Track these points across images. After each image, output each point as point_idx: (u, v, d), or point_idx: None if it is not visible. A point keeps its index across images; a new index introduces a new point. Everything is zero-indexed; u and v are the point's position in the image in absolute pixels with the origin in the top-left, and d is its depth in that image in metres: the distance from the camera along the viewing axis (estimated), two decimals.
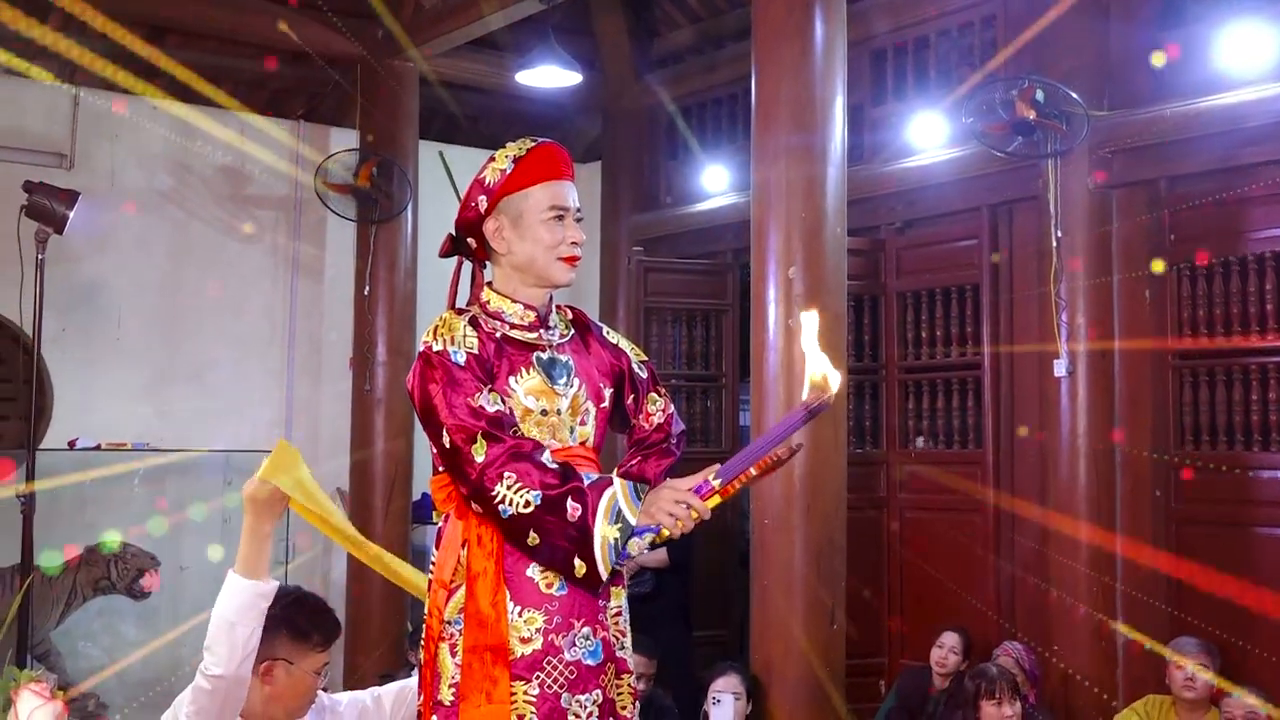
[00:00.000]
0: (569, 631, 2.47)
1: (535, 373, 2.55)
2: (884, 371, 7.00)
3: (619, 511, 2.36)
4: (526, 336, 2.59)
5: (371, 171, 7.12)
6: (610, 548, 2.35)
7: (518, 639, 2.44)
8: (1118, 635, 5.65)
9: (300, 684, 2.80)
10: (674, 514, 2.35)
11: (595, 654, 2.50)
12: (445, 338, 2.49)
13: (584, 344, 2.70)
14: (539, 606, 2.46)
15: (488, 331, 2.55)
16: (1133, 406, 5.76)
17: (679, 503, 2.36)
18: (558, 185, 2.59)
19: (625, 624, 2.62)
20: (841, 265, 4.99)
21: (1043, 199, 5.87)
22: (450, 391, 2.42)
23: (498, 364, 2.52)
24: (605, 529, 2.35)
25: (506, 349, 2.55)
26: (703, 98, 8.17)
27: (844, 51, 5.04)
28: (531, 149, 2.60)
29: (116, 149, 7.07)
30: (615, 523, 2.35)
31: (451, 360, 2.45)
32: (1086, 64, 5.78)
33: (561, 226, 2.57)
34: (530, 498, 2.34)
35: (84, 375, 6.83)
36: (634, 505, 2.37)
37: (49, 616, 6.04)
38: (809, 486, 4.84)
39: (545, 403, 2.54)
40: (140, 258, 7.08)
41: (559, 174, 2.60)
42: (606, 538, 2.35)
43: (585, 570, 2.37)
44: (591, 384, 2.64)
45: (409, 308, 7.39)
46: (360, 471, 7.30)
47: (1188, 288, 5.75)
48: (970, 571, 6.37)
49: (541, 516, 2.34)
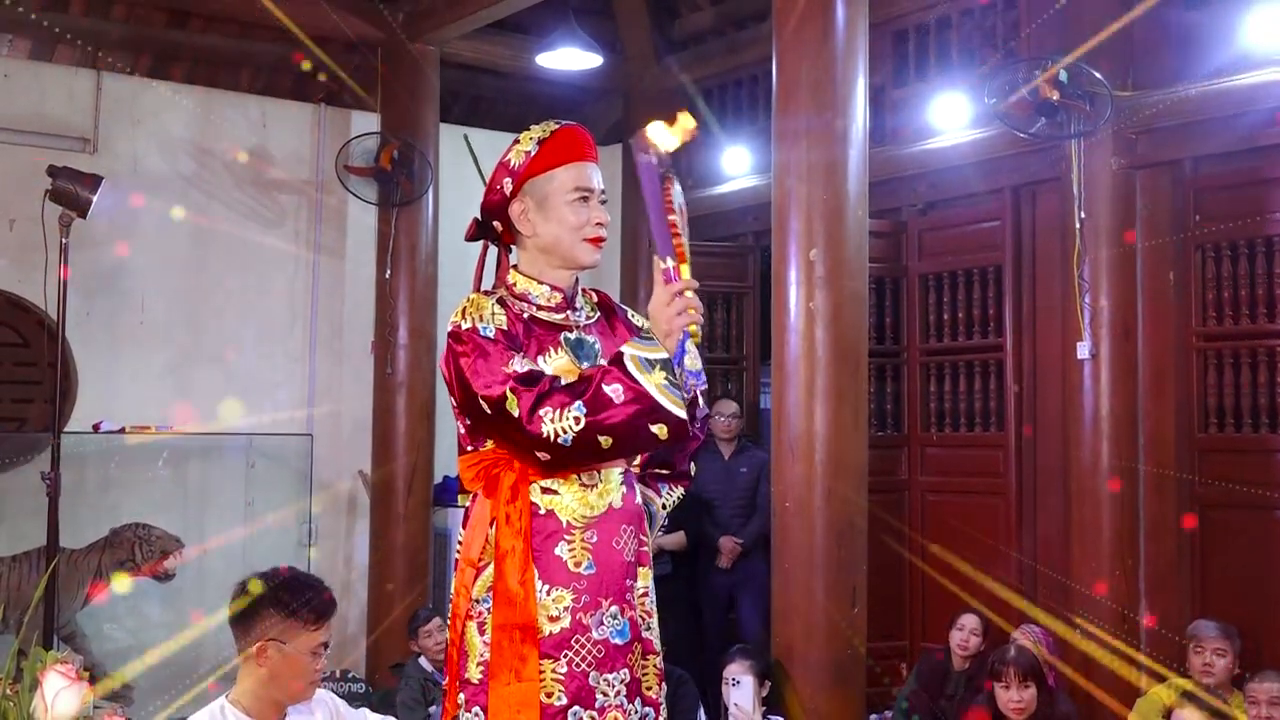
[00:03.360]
0: (597, 610, 2.48)
1: (564, 352, 2.57)
2: (905, 354, 6.98)
3: (647, 360, 2.35)
4: (554, 318, 2.61)
5: (393, 155, 7.12)
6: (668, 388, 2.34)
7: (546, 617, 2.46)
8: (1140, 618, 5.63)
9: (295, 664, 2.80)
10: (679, 313, 2.36)
11: (623, 633, 2.52)
12: (474, 315, 2.51)
13: (610, 326, 2.72)
14: (567, 585, 2.47)
15: (515, 312, 2.57)
16: (1156, 389, 5.73)
17: (671, 303, 2.36)
18: (582, 167, 2.60)
19: (652, 605, 2.64)
20: (863, 247, 4.97)
21: (1066, 180, 5.82)
22: (480, 361, 2.44)
23: (526, 343, 2.53)
24: (650, 379, 2.32)
25: (535, 329, 2.57)
26: (723, 79, 8.14)
27: (865, 32, 5.01)
28: (555, 131, 2.61)
29: (139, 134, 7.08)
30: (653, 370, 2.34)
31: (480, 335, 2.47)
32: (1110, 44, 5.70)
33: (586, 208, 2.58)
34: (576, 413, 2.34)
35: (108, 359, 6.86)
36: (652, 346, 2.36)
37: (74, 598, 6.08)
38: (830, 469, 4.83)
39: None
40: (163, 242, 7.09)
41: (583, 155, 2.61)
42: (658, 383, 2.33)
43: (666, 429, 2.35)
44: None
45: (430, 291, 7.40)
46: (382, 454, 7.31)
47: (1212, 269, 5.71)
48: (992, 554, 6.35)
49: (596, 418, 2.33)
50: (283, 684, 2.81)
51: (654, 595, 2.66)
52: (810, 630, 4.81)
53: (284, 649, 2.79)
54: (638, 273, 8.21)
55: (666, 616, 2.80)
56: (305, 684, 2.84)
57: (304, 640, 2.81)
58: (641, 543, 2.62)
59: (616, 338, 2.68)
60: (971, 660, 5.63)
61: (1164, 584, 5.66)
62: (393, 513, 7.22)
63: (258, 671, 2.80)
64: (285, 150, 7.57)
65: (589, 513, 2.52)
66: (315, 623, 2.83)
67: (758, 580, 6.26)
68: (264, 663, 2.79)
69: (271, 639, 2.78)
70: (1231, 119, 5.44)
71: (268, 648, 2.78)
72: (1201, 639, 5.04)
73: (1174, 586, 5.66)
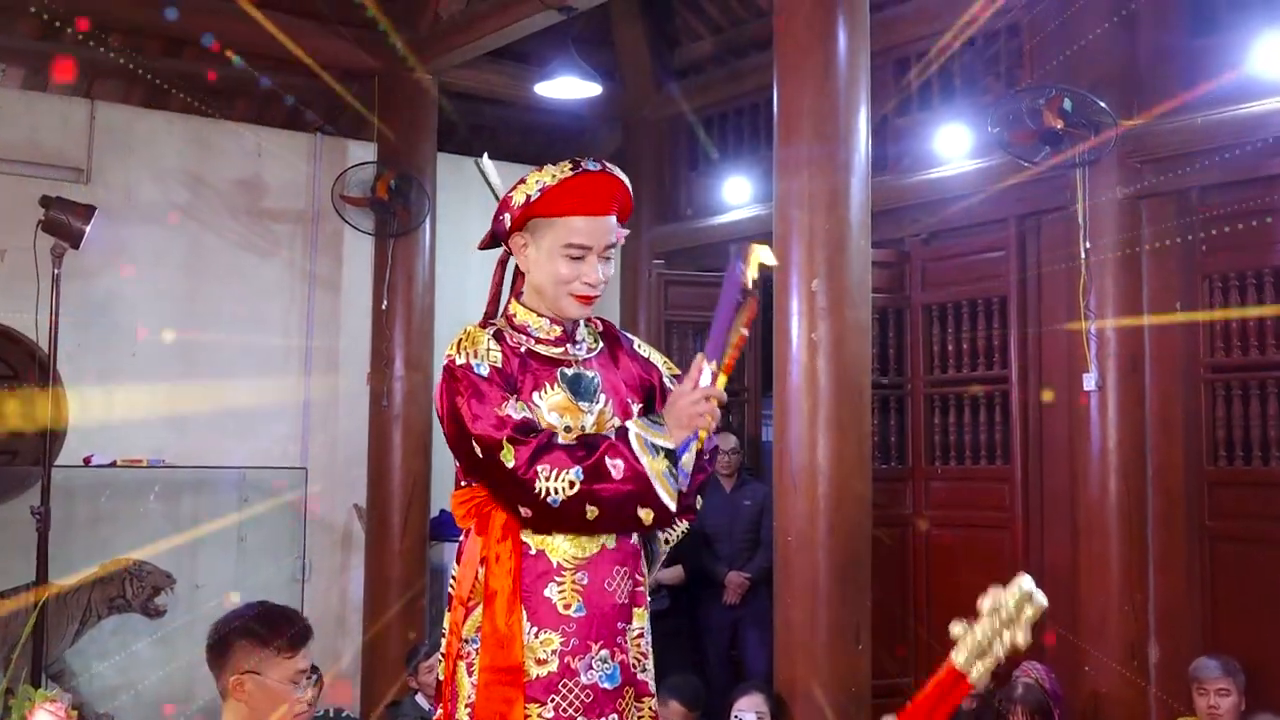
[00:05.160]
0: (586, 654, 2.45)
1: (560, 389, 2.52)
2: (909, 386, 6.91)
3: (653, 445, 2.37)
4: (552, 351, 2.56)
5: (389, 184, 7.06)
6: (667, 477, 2.37)
7: (533, 660, 2.43)
8: (1150, 655, 5.54)
9: (275, 695, 2.71)
10: (698, 412, 2.39)
11: (613, 677, 2.48)
12: (468, 351, 2.47)
13: (612, 357, 2.66)
14: (555, 628, 2.44)
15: (512, 346, 2.53)
16: (1164, 421, 5.66)
17: (695, 401, 2.39)
18: (585, 222, 2.50)
19: (647, 646, 2.59)
20: (866, 278, 4.90)
21: (1071, 210, 5.77)
22: (475, 402, 2.41)
23: (521, 379, 2.50)
24: (653, 464, 2.36)
25: (530, 363, 2.52)
26: (724, 108, 8.10)
27: (867, 60, 4.96)
28: (567, 179, 2.49)
29: (132, 163, 7.03)
30: (657, 455, 2.37)
31: (475, 373, 2.44)
32: (1115, 72, 5.68)
33: (578, 265, 2.50)
34: (571, 476, 2.34)
35: (100, 391, 6.78)
36: (660, 432, 2.40)
37: (63, 635, 6.00)
38: (833, 503, 4.75)
39: (570, 419, 2.50)
40: (156, 273, 7.03)
41: (591, 209, 2.50)
42: (659, 471, 2.36)
43: (652, 515, 2.39)
44: (619, 399, 2.59)
45: (427, 322, 7.33)
46: (378, 487, 7.22)
47: (1220, 299, 5.65)
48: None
49: (590, 487, 2.34)
50: (260, 716, 2.72)
51: (649, 636, 2.61)
52: (813, 667, 4.73)
53: (261, 681, 2.70)
54: (637, 303, 8.14)
55: (665, 652, 2.74)
56: (290, 716, 2.75)
57: (281, 669, 2.73)
58: (637, 582, 2.57)
59: (619, 370, 2.64)
60: (979, 699, 5.52)
61: (1173, 618, 5.58)
62: (388, 547, 7.12)
63: (238, 708, 2.72)
64: (281, 180, 7.52)
65: (580, 553, 2.48)
66: (290, 650, 2.75)
67: (761, 615, 6.17)
68: (242, 697, 2.71)
69: (247, 671, 2.70)
70: (1238, 148, 5.37)
71: (245, 681, 2.70)
72: (1204, 681, 4.95)
73: (1184, 621, 5.57)
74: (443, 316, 7.40)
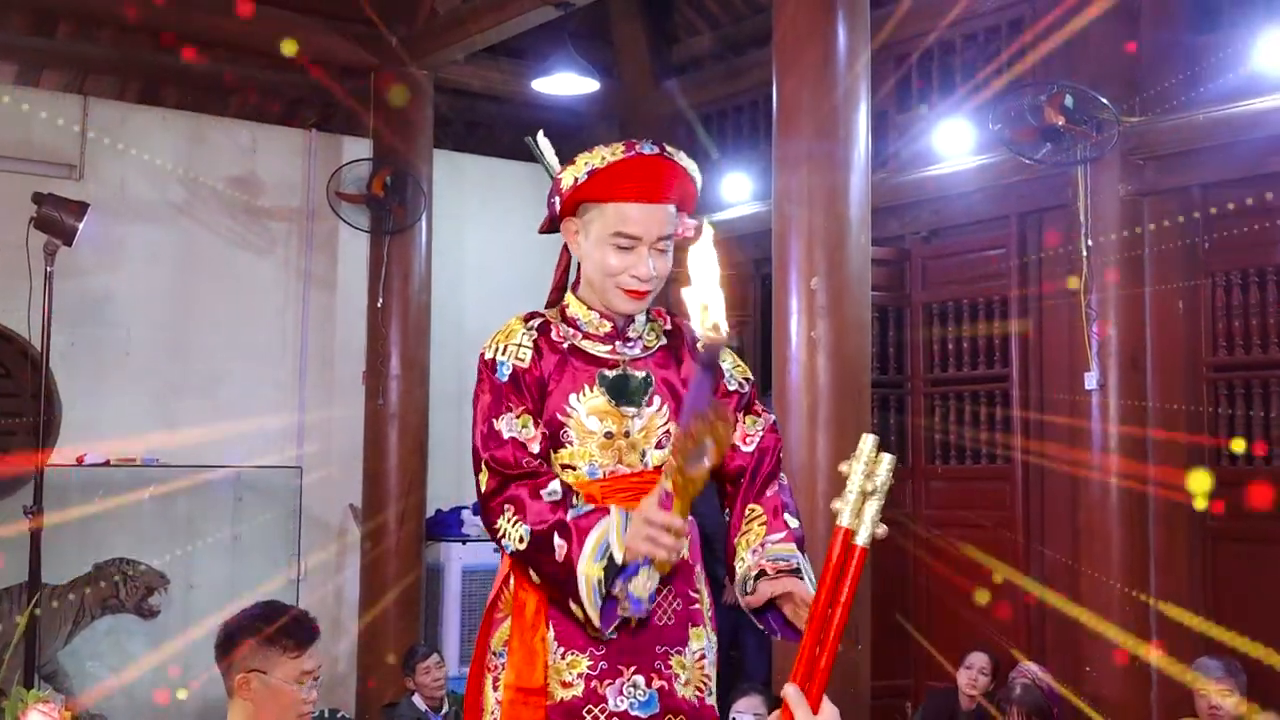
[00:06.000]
0: (617, 679, 2.26)
1: (599, 392, 2.32)
2: (909, 384, 6.87)
3: (607, 547, 2.12)
4: (598, 349, 2.36)
5: (385, 181, 7.01)
6: (594, 589, 2.12)
7: (558, 682, 2.25)
8: (1151, 654, 5.50)
9: (281, 694, 2.71)
10: (650, 540, 2.08)
11: (648, 704, 2.27)
12: (499, 345, 2.33)
13: (674, 356, 2.43)
14: (584, 649, 2.26)
15: (555, 341, 2.35)
16: (1166, 420, 5.62)
17: (646, 523, 2.08)
18: (635, 209, 2.28)
19: (711, 668, 2.36)
20: (865, 275, 4.86)
21: (1072, 207, 5.74)
22: (483, 408, 2.30)
23: (556, 379, 2.32)
24: (589, 567, 2.12)
25: (572, 362, 2.34)
26: (723, 105, 8.06)
27: (867, 57, 4.91)
28: (617, 162, 2.28)
29: (126, 160, 6.97)
30: (601, 560, 2.11)
31: (495, 373, 2.31)
32: (1116, 69, 5.64)
33: (627, 256, 2.29)
34: (523, 532, 2.18)
35: (93, 390, 6.72)
36: (620, 540, 2.12)
37: (57, 636, 5.97)
38: (831, 502, 4.70)
39: (611, 424, 2.32)
40: (150, 270, 6.98)
41: (642, 195, 2.28)
42: (590, 577, 2.12)
43: (582, 615, 2.16)
44: (676, 401, 2.36)
45: (424, 320, 7.28)
46: (373, 487, 7.17)
47: (1222, 298, 5.62)
48: (999, 590, 6.22)
49: (534, 554, 2.17)
50: (269, 715, 2.72)
51: (713, 657, 2.38)
52: None
53: (266, 680, 2.71)
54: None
55: None
56: (295, 716, 2.75)
57: (287, 669, 2.72)
58: (691, 600, 2.35)
59: (681, 370, 2.40)
60: (980, 700, 5.49)
61: (1175, 617, 5.53)
62: (384, 547, 7.07)
63: (244, 707, 2.73)
64: (275, 177, 7.47)
65: None
66: (296, 649, 2.74)
67: None
68: (248, 696, 2.71)
69: (253, 669, 2.71)
70: (1241, 145, 5.35)
71: (250, 679, 2.71)
72: (1206, 680, 4.90)
73: (1185, 620, 5.53)
74: (439, 314, 7.35)
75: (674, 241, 2.34)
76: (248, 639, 2.73)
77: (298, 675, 2.73)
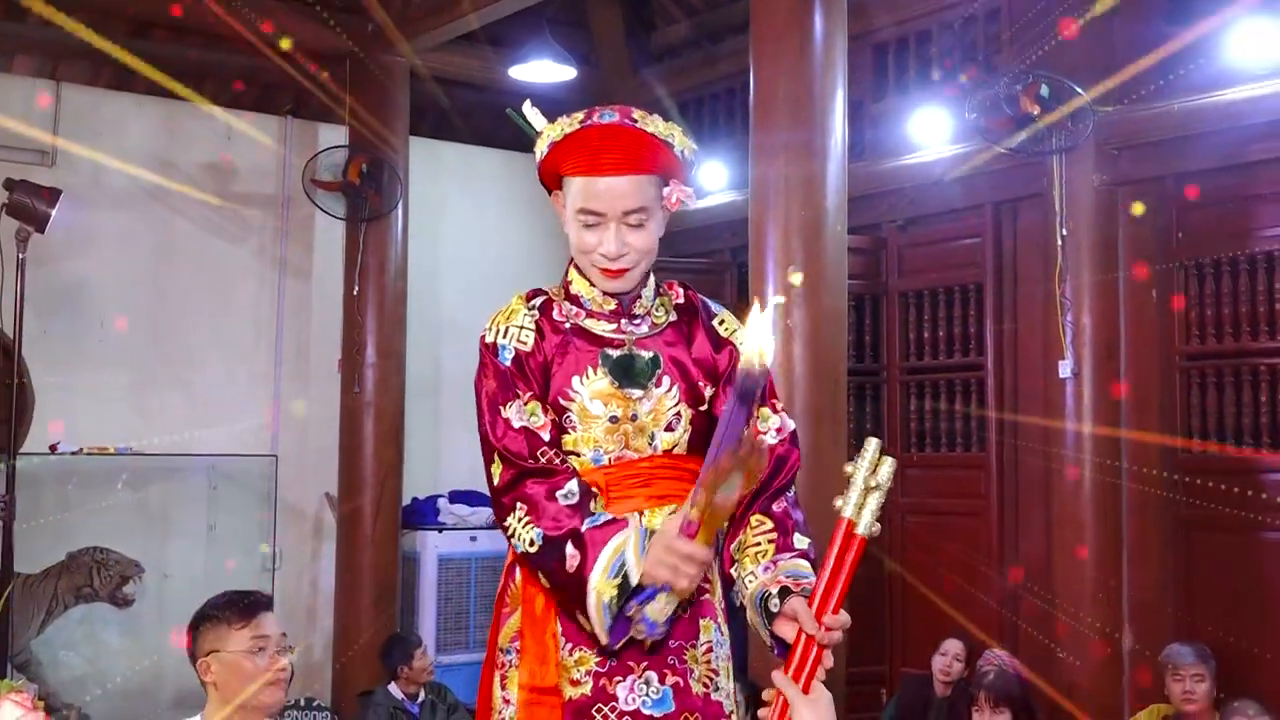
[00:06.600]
0: (627, 675, 2.14)
1: (602, 373, 2.19)
2: (885, 373, 6.89)
3: (622, 565, 2.00)
4: (603, 328, 2.23)
5: (361, 169, 6.98)
6: (604, 608, 2.01)
7: (568, 680, 2.14)
8: (1124, 641, 5.54)
9: (238, 667, 2.73)
10: (669, 567, 1.95)
11: (662, 703, 2.15)
12: (499, 328, 2.21)
13: (685, 333, 2.29)
14: (591, 645, 2.13)
15: (557, 321, 2.23)
16: (1139, 408, 5.65)
17: (669, 552, 1.95)
18: (596, 183, 2.15)
19: (720, 662, 2.25)
20: (842, 264, 4.86)
21: (1047, 196, 5.76)
22: (488, 395, 2.18)
23: (559, 361, 2.20)
24: (601, 583, 2.01)
25: (575, 343, 2.21)
26: (700, 93, 8.05)
27: (844, 45, 4.91)
28: (572, 133, 2.18)
29: (99, 146, 6.91)
30: (615, 578, 2.00)
31: (497, 358, 2.19)
32: (1092, 59, 5.65)
33: (594, 232, 2.16)
34: (534, 535, 2.07)
35: (66, 377, 6.67)
36: (639, 559, 1.99)
37: (30, 625, 5.93)
38: (807, 490, 4.59)
39: (615, 407, 2.18)
40: (124, 257, 6.93)
41: (602, 167, 2.14)
42: (601, 594, 2.01)
43: (589, 628, 2.06)
44: (688, 382, 2.23)
45: (400, 308, 7.25)
46: (349, 475, 7.14)
47: (1195, 287, 5.65)
48: (973, 577, 6.25)
49: (545, 560, 2.06)
50: (235, 692, 2.74)
51: (723, 650, 2.27)
52: None
53: (222, 657, 2.74)
54: None
55: None
56: (260, 685, 2.75)
57: (237, 640, 2.75)
58: (702, 591, 2.21)
59: (693, 348, 2.27)
60: (954, 686, 5.52)
61: (1147, 605, 5.58)
62: (360, 536, 7.05)
63: (213, 692, 2.76)
64: (250, 164, 7.42)
65: None
66: (241, 620, 2.76)
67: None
68: (211, 678, 2.75)
69: (209, 652, 2.75)
70: (1215, 135, 5.38)
71: (210, 662, 2.75)
72: (1179, 666, 4.95)
73: (1157, 608, 5.58)
74: (415, 303, 7.33)
75: (664, 211, 2.22)
76: (202, 626, 2.78)
77: (248, 645, 2.74)
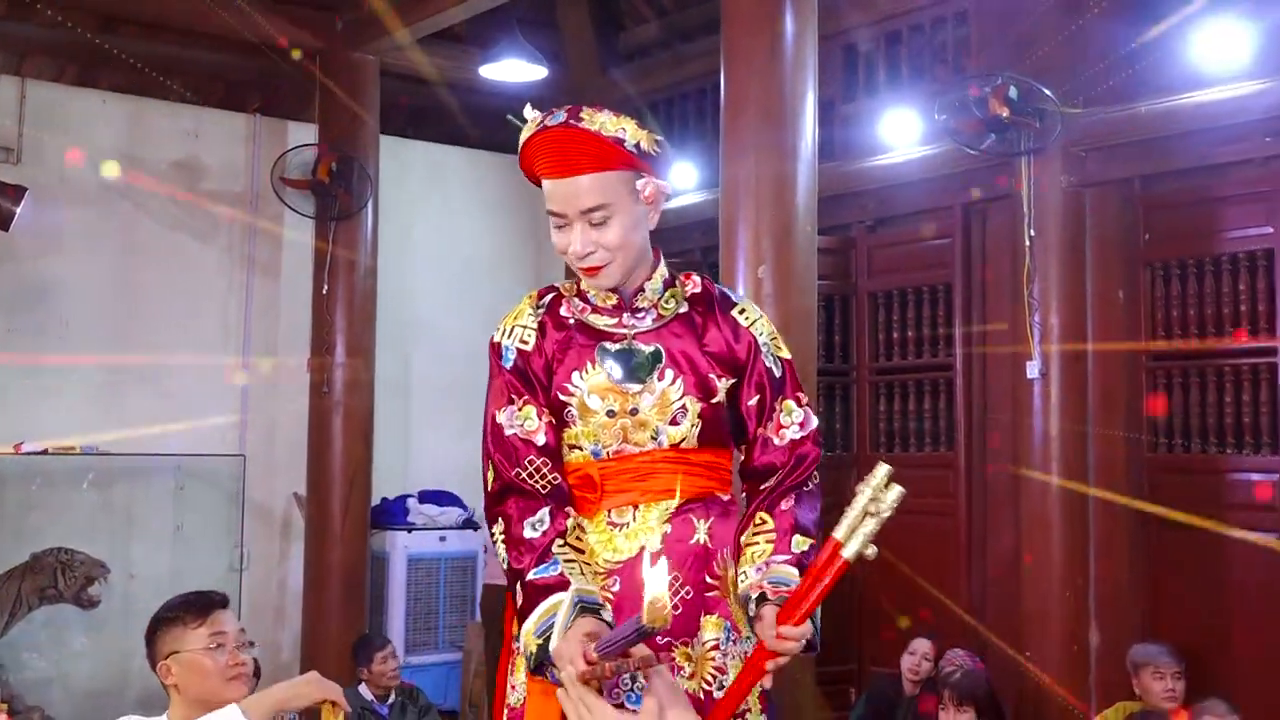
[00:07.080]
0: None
1: (600, 370, 2.20)
2: (855, 373, 6.90)
3: (548, 629, 2.01)
4: (605, 322, 2.24)
5: (330, 167, 6.94)
6: (529, 657, 2.05)
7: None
8: (1090, 641, 5.58)
9: (197, 665, 2.73)
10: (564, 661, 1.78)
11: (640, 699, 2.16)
12: (505, 329, 2.26)
13: (695, 324, 2.26)
14: None
15: (562, 317, 2.25)
16: (1106, 408, 5.69)
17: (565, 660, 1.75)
18: (551, 185, 2.18)
19: (725, 660, 2.19)
20: (812, 264, 4.87)
21: (1016, 198, 5.78)
22: (489, 399, 2.22)
23: (560, 358, 2.21)
24: (528, 637, 2.05)
25: (578, 339, 2.23)
26: (670, 93, 8.04)
27: (814, 46, 4.91)
28: (528, 139, 2.21)
29: (65, 143, 6.85)
30: (539, 637, 2.02)
31: (501, 359, 2.23)
32: (1061, 61, 5.68)
33: (564, 233, 2.18)
34: (503, 554, 2.13)
35: (31, 376, 6.61)
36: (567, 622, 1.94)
37: None
38: None
39: (613, 402, 2.18)
40: (89, 255, 6.86)
41: (555, 169, 2.18)
42: (527, 645, 2.05)
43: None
44: (696, 374, 2.21)
45: (369, 307, 7.22)
46: (318, 475, 7.11)
47: (1161, 288, 5.69)
48: (942, 576, 6.27)
49: (509, 579, 2.12)
50: (196, 691, 2.73)
51: (736, 648, 2.21)
52: None
53: (180, 657, 2.73)
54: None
55: None
56: (219, 681, 2.74)
57: (194, 638, 2.74)
58: (708, 586, 2.20)
59: (705, 339, 2.25)
60: (922, 685, 5.54)
61: (1114, 604, 5.62)
62: (328, 536, 7.01)
63: (175, 695, 2.75)
64: (219, 162, 7.37)
65: (614, 556, 2.18)
66: (197, 618, 2.76)
67: None
68: (172, 680, 2.74)
69: (169, 654, 2.74)
70: (1181, 137, 5.42)
71: (169, 665, 2.74)
72: (1159, 664, 4.97)
73: (1124, 607, 5.62)
74: (384, 302, 7.29)
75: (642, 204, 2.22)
76: (158, 630, 2.77)
77: (205, 641, 2.74)
